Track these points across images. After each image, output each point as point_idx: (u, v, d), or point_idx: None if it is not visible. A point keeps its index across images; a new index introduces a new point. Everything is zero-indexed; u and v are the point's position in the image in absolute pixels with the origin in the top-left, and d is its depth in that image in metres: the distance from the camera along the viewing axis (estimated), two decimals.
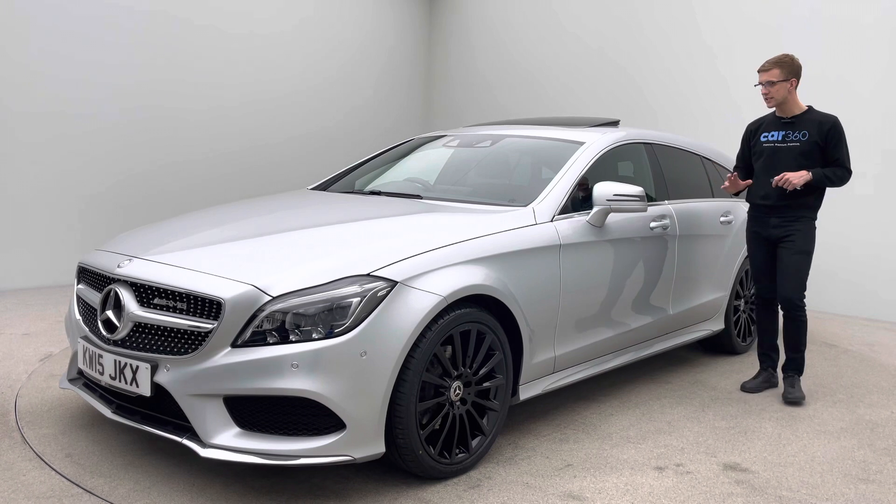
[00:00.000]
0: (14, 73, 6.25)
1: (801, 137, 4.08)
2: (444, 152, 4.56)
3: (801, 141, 4.07)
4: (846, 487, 3.02)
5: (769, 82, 4.07)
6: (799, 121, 4.11)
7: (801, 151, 4.06)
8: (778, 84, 4.06)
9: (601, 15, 8.28)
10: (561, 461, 3.16)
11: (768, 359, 4.37)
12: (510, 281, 3.11)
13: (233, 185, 7.80)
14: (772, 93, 4.08)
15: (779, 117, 4.18)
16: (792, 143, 4.10)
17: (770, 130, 4.20)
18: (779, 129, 4.17)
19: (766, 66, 4.10)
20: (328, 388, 2.52)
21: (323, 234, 3.15)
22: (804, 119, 4.10)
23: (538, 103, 8.78)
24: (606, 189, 3.56)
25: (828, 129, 4.03)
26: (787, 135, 4.12)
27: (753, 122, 4.37)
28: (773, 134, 4.18)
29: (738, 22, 7.27)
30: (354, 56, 8.96)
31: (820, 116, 4.10)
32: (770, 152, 4.16)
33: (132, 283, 2.83)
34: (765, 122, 4.28)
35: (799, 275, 4.10)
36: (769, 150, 4.17)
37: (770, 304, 4.33)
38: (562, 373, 3.55)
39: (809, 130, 4.06)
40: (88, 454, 3.03)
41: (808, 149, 4.06)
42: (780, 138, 4.14)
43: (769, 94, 4.09)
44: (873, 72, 6.42)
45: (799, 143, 4.07)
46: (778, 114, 4.19)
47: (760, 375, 4.34)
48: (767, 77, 4.08)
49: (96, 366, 2.87)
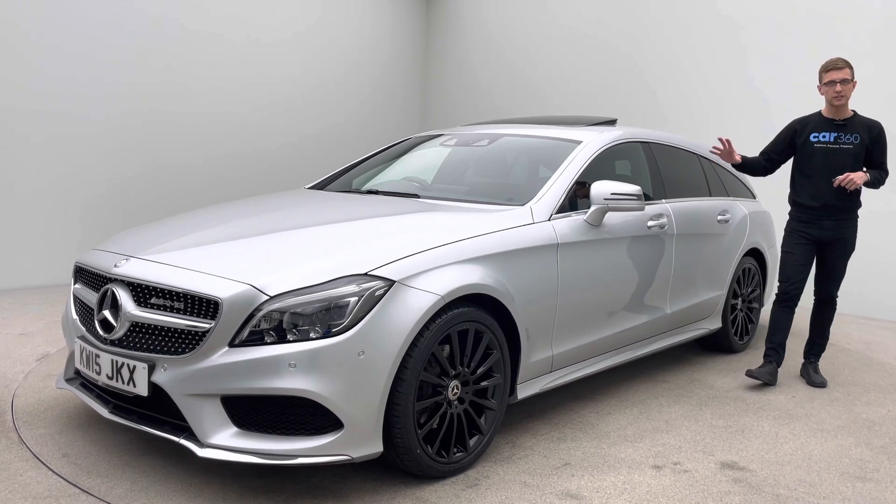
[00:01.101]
0: (13, 75, 6.23)
1: (853, 140, 4.17)
2: (442, 151, 4.55)
3: (854, 144, 4.17)
4: (843, 486, 3.02)
5: (845, 80, 4.11)
6: (850, 124, 4.20)
7: (854, 154, 4.17)
8: (850, 83, 4.13)
9: (598, 15, 8.28)
10: (559, 460, 3.16)
11: (776, 354, 4.39)
12: (508, 280, 3.11)
13: (232, 187, 7.80)
14: (844, 91, 4.12)
15: (829, 119, 4.23)
16: (845, 146, 4.18)
17: (820, 131, 4.25)
18: (830, 131, 4.22)
19: (841, 65, 4.12)
20: (326, 387, 2.51)
21: (320, 234, 3.14)
22: (854, 122, 4.20)
23: (535, 104, 8.78)
24: (604, 188, 3.56)
25: (877, 133, 4.19)
26: (840, 137, 4.19)
27: (799, 119, 4.39)
28: (825, 135, 4.23)
29: (738, 20, 7.27)
30: (351, 58, 8.95)
31: (867, 121, 4.22)
32: (822, 153, 4.22)
33: (129, 282, 2.82)
34: (811, 122, 4.30)
35: (843, 273, 4.36)
36: (821, 150, 4.22)
37: (794, 303, 4.35)
38: (559, 372, 3.55)
39: (860, 134, 4.17)
40: (85, 454, 3.02)
41: (859, 151, 4.17)
42: (833, 140, 4.20)
43: (842, 92, 4.12)
44: (878, 67, 6.43)
45: (852, 146, 4.17)
46: (828, 115, 4.24)
47: (765, 367, 4.34)
48: (843, 75, 4.11)
49: (93, 365, 2.86)
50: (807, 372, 4.49)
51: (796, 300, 4.35)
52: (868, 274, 6.48)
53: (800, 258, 4.30)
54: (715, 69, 7.42)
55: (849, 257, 4.34)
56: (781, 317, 4.40)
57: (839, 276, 4.37)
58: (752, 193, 5.56)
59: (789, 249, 4.37)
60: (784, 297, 4.37)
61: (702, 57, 7.53)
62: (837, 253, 4.30)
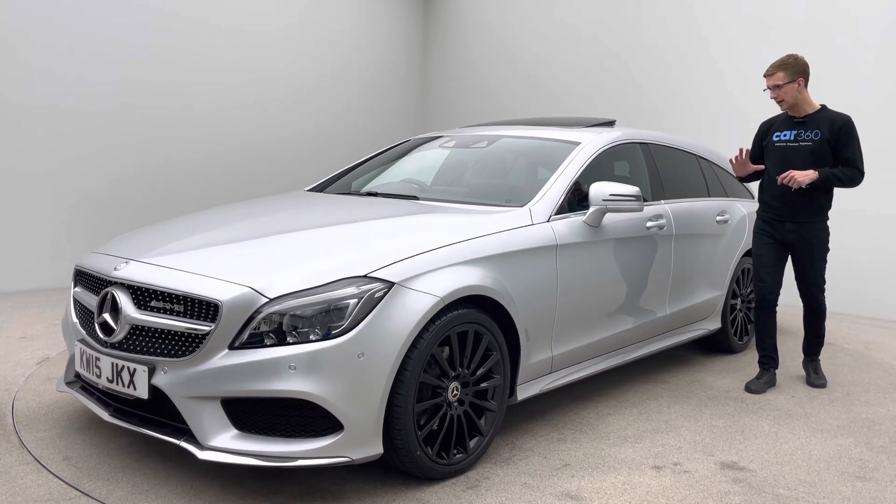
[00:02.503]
0: (10, 73, 6.23)
1: (812, 137, 4.05)
2: (441, 153, 4.56)
3: (813, 140, 4.04)
4: (843, 485, 3.03)
5: (775, 86, 4.06)
6: (811, 120, 4.08)
7: (813, 151, 4.04)
8: (785, 86, 4.04)
9: (598, 13, 8.29)
10: (559, 461, 3.16)
11: (771, 360, 4.33)
12: (507, 281, 3.11)
13: (230, 184, 7.80)
14: (780, 95, 4.07)
15: (791, 117, 4.16)
16: (804, 143, 4.07)
17: (782, 130, 4.19)
18: (791, 129, 4.15)
19: (770, 71, 4.09)
20: (326, 389, 2.52)
21: (320, 236, 3.15)
22: (816, 118, 4.08)
23: (535, 103, 8.79)
24: (603, 189, 3.56)
25: (839, 127, 4.00)
26: (799, 134, 4.10)
27: (766, 120, 4.34)
28: (785, 133, 4.16)
29: (739, 20, 7.28)
30: (349, 56, 8.95)
31: (832, 115, 4.07)
32: (781, 152, 4.14)
33: (129, 285, 2.82)
34: (777, 121, 4.26)
35: (817, 278, 4.21)
36: (781, 149, 4.16)
37: (771, 306, 4.27)
38: (559, 373, 3.56)
39: (821, 129, 4.03)
40: (86, 457, 3.02)
41: (819, 148, 4.03)
42: (792, 138, 4.12)
43: (778, 97, 4.08)
44: (873, 70, 6.44)
45: (811, 143, 4.05)
46: (791, 113, 4.17)
47: (763, 377, 4.29)
48: (773, 81, 4.07)
49: (93, 369, 2.87)
50: (807, 371, 4.48)
51: (774, 302, 4.25)
52: (868, 273, 6.49)
53: (768, 259, 4.22)
54: (719, 71, 7.43)
55: (820, 260, 4.19)
56: (764, 322, 4.31)
57: (814, 279, 4.22)
58: (751, 194, 5.56)
59: (757, 251, 4.30)
60: (761, 301, 4.27)
61: (704, 58, 7.53)
62: (805, 256, 4.17)
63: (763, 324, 4.31)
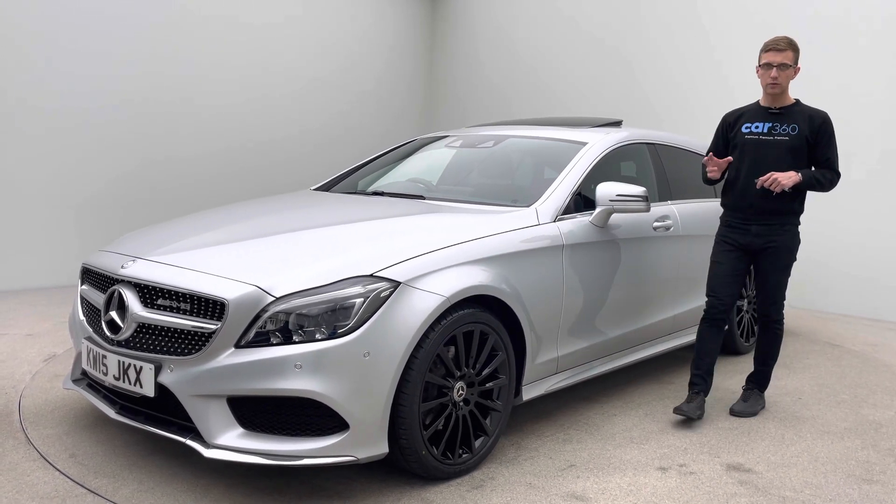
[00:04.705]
0: (12, 73, 6.24)
1: (790, 131, 3.58)
2: (447, 153, 4.56)
3: (791, 135, 3.58)
4: (850, 488, 3.01)
5: (783, 65, 3.53)
6: (788, 112, 3.62)
7: (790, 147, 3.58)
8: (790, 69, 3.56)
9: (606, 12, 8.27)
10: (564, 461, 3.16)
11: (703, 382, 3.78)
12: (513, 281, 3.11)
13: (235, 182, 7.81)
14: (781, 77, 3.55)
15: (765, 107, 3.67)
16: (780, 137, 3.59)
17: (753, 121, 3.67)
18: (764, 120, 3.64)
19: (782, 46, 3.53)
20: (331, 388, 2.52)
21: (326, 235, 3.15)
22: (793, 111, 3.62)
23: (542, 102, 8.78)
24: (609, 189, 3.56)
25: (819, 124, 3.58)
26: (774, 127, 3.61)
27: (732, 111, 3.82)
28: (758, 125, 3.64)
29: (743, 22, 7.26)
30: (356, 54, 8.95)
31: (810, 110, 3.63)
32: (753, 146, 3.64)
33: (136, 283, 2.83)
34: (747, 111, 3.75)
35: (781, 289, 3.75)
36: (752, 143, 3.64)
37: (720, 323, 3.77)
38: (565, 373, 3.55)
39: (799, 124, 3.58)
40: (92, 454, 3.03)
41: (797, 144, 3.58)
42: (766, 130, 3.62)
43: (778, 79, 3.54)
44: (876, 70, 6.41)
45: (788, 138, 3.58)
46: (765, 103, 3.69)
47: (694, 401, 3.72)
48: (782, 59, 3.53)
49: (100, 366, 2.88)
50: (739, 399, 3.96)
51: (724, 318, 3.76)
52: (875, 276, 6.46)
53: (726, 269, 3.73)
54: (723, 72, 7.41)
55: (786, 271, 3.71)
56: (707, 336, 3.77)
57: (775, 292, 3.73)
58: None
59: (715, 259, 3.82)
60: (710, 314, 3.77)
61: (711, 60, 7.51)
62: (770, 264, 3.67)
63: (706, 340, 3.78)
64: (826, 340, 5.61)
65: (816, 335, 5.77)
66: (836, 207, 6.51)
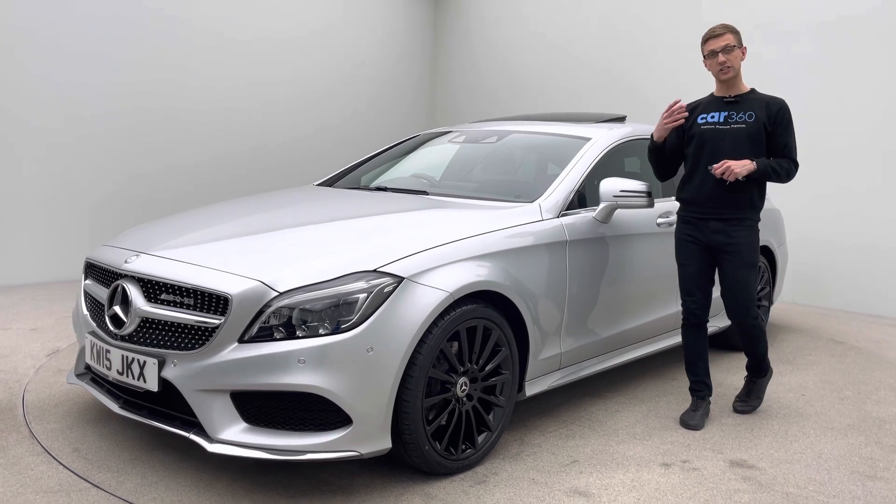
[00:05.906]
0: (22, 74, 6.26)
1: (746, 119, 3.49)
2: (450, 148, 4.55)
3: (748, 122, 3.48)
4: (853, 484, 3.01)
5: (728, 47, 3.45)
6: (744, 100, 3.53)
7: (748, 134, 3.47)
8: (736, 50, 3.48)
9: (605, 16, 8.25)
10: (567, 457, 3.16)
11: (705, 387, 3.73)
12: (516, 277, 3.11)
13: (240, 185, 7.81)
14: (730, 60, 3.47)
15: (719, 97, 3.59)
16: (737, 125, 3.49)
17: (709, 112, 3.58)
18: (720, 110, 3.55)
19: (719, 31, 3.50)
20: (335, 383, 2.52)
21: (329, 230, 3.15)
22: (749, 98, 3.54)
23: (542, 105, 8.77)
24: (613, 185, 3.55)
25: (776, 110, 3.48)
26: (731, 116, 3.52)
27: (688, 104, 3.67)
28: (714, 115, 3.56)
29: (743, 21, 7.23)
30: (359, 52, 8.95)
31: (767, 98, 3.55)
32: (710, 136, 3.53)
33: (139, 278, 2.83)
34: (702, 103, 3.66)
35: (748, 289, 3.59)
36: (709, 133, 3.54)
37: (702, 323, 3.68)
38: (568, 369, 3.55)
39: (756, 111, 3.49)
40: (96, 449, 3.04)
41: (754, 131, 3.47)
42: (722, 120, 3.53)
43: (727, 62, 3.47)
44: (876, 70, 6.39)
45: (745, 125, 3.48)
46: (719, 93, 3.60)
47: (699, 407, 3.68)
48: (723, 42, 3.46)
49: (104, 361, 2.88)
50: (740, 392, 3.95)
51: (704, 318, 3.67)
52: (877, 273, 6.45)
53: (693, 269, 3.63)
54: None
55: (751, 270, 3.58)
56: (693, 340, 3.69)
57: (741, 293, 3.57)
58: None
59: (682, 260, 3.69)
60: (689, 318, 3.67)
61: None
62: (732, 264, 3.55)
63: (692, 345, 3.71)
64: (829, 337, 5.60)
65: (819, 332, 5.76)
66: (840, 203, 6.50)
